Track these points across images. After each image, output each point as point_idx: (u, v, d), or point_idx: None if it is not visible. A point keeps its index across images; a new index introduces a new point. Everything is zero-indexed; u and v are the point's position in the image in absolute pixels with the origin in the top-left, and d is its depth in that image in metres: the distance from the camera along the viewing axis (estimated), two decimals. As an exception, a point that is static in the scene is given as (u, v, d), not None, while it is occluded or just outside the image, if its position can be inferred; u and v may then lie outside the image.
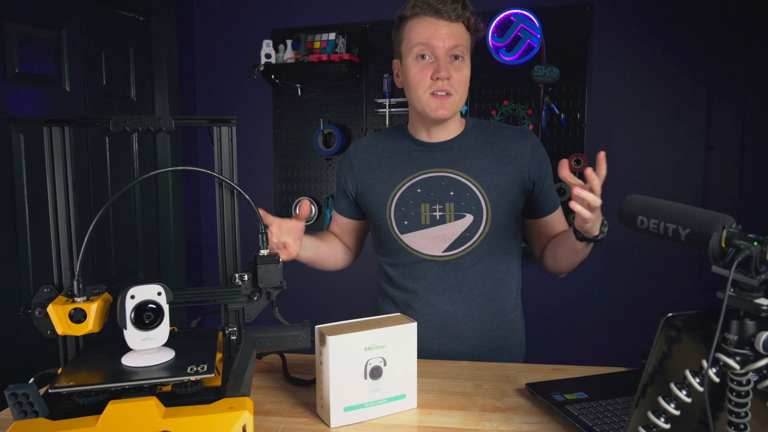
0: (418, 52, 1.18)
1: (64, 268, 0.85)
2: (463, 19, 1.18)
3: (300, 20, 2.87)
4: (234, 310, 0.89)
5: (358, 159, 1.34)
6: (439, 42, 1.17)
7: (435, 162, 1.27)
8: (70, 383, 0.71)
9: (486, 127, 1.31)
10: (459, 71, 1.19)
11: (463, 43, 1.19)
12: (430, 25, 1.17)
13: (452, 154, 1.27)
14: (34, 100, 2.20)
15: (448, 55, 1.18)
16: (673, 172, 2.57)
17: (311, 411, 0.92)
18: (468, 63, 1.22)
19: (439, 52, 1.17)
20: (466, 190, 1.24)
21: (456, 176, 1.25)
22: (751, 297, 0.51)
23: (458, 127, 1.30)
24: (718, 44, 2.46)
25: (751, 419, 0.53)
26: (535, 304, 2.71)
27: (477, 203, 1.23)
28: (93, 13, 2.47)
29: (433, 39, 1.17)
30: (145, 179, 2.53)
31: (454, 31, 1.17)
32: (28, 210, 2.15)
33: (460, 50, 1.18)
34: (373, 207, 1.31)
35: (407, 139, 1.32)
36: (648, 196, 0.64)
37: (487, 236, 1.24)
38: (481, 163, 1.25)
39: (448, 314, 1.26)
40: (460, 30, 1.19)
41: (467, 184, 1.24)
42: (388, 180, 1.29)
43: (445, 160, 1.27)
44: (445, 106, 1.19)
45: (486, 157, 1.26)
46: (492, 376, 1.06)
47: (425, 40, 1.17)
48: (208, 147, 2.88)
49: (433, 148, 1.28)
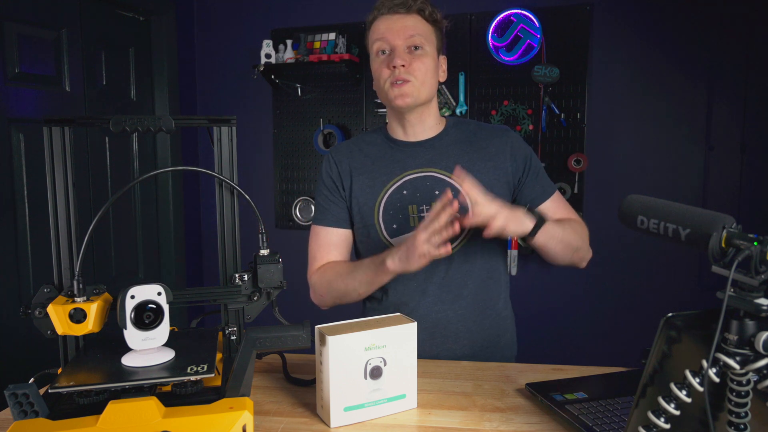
0: (377, 48, 1.23)
1: (64, 268, 0.85)
2: (417, 10, 1.21)
3: (300, 20, 2.87)
4: (234, 310, 0.89)
5: (342, 166, 1.30)
6: (392, 34, 1.20)
7: (418, 162, 1.27)
8: (70, 383, 0.71)
9: (466, 125, 1.32)
10: (418, 59, 1.21)
11: (420, 32, 1.21)
12: (386, 21, 1.22)
13: (434, 153, 1.27)
14: (34, 100, 2.20)
15: (406, 46, 1.21)
16: (673, 172, 2.56)
17: (311, 411, 0.92)
18: (430, 53, 1.23)
19: (395, 42, 1.20)
20: (451, 189, 1.23)
21: (440, 175, 1.25)
22: (751, 297, 0.51)
23: (437, 126, 1.30)
24: (718, 44, 2.46)
25: (751, 419, 0.53)
26: (535, 304, 2.71)
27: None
28: (93, 13, 2.47)
29: (388, 33, 1.21)
30: (145, 179, 2.53)
31: (409, 23, 1.21)
32: (28, 210, 2.15)
33: (417, 40, 1.20)
34: (360, 213, 1.28)
35: (386, 140, 1.32)
36: (648, 196, 0.63)
37: (473, 235, 1.23)
38: (463, 162, 1.24)
39: (439, 315, 1.25)
40: (415, 21, 1.21)
41: (452, 183, 1.24)
42: (374, 184, 1.27)
43: (428, 159, 1.27)
44: (404, 93, 1.20)
45: (467, 155, 1.26)
46: (492, 376, 1.06)
47: (382, 34, 1.22)
48: (208, 147, 2.88)
49: (415, 148, 1.28)
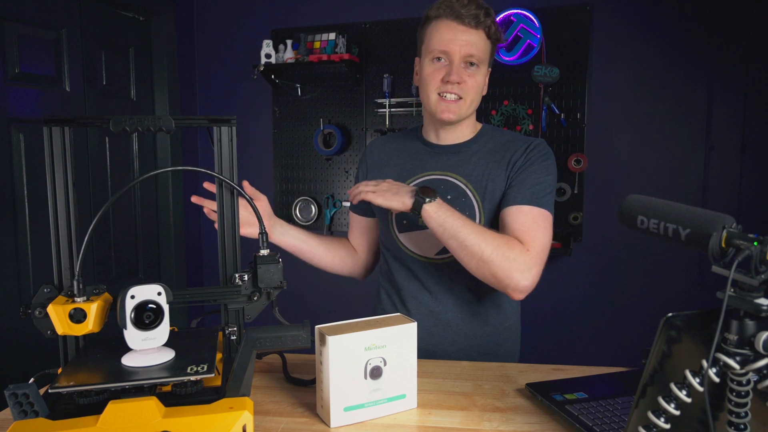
0: (435, 54, 1.20)
1: (64, 268, 0.85)
2: (484, 27, 1.18)
3: (300, 20, 2.87)
4: (234, 310, 0.89)
5: (372, 157, 1.39)
6: (455, 47, 1.18)
7: (439, 165, 1.28)
8: (70, 383, 0.71)
9: (500, 136, 1.30)
10: (472, 77, 1.20)
11: (480, 51, 1.19)
12: (450, 29, 1.18)
13: (457, 159, 1.28)
14: (34, 100, 2.20)
15: (463, 61, 1.19)
16: (673, 172, 2.57)
17: (311, 411, 0.92)
18: (483, 70, 1.22)
19: (454, 57, 1.18)
20: (462, 194, 1.24)
21: (455, 180, 1.25)
22: (751, 297, 0.51)
23: (469, 132, 1.30)
24: (718, 44, 2.46)
25: (751, 419, 0.53)
26: (535, 304, 2.70)
27: (471, 209, 1.23)
28: (93, 13, 2.47)
29: (450, 44, 1.18)
30: (145, 179, 2.54)
31: (473, 39, 1.18)
32: (28, 210, 2.15)
33: (475, 58, 1.19)
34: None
35: (418, 140, 1.34)
36: (648, 196, 0.63)
37: None
38: (482, 171, 1.25)
39: (438, 315, 1.26)
40: (479, 38, 1.19)
41: (464, 189, 1.24)
42: (395, 179, 1.29)
43: (448, 163, 1.28)
44: (451, 110, 1.21)
45: (487, 165, 1.25)
46: (492, 376, 1.06)
47: (443, 44, 1.19)
48: (208, 147, 2.88)
49: (440, 151, 1.30)
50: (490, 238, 1.09)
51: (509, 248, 1.09)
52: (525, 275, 1.08)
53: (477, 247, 1.08)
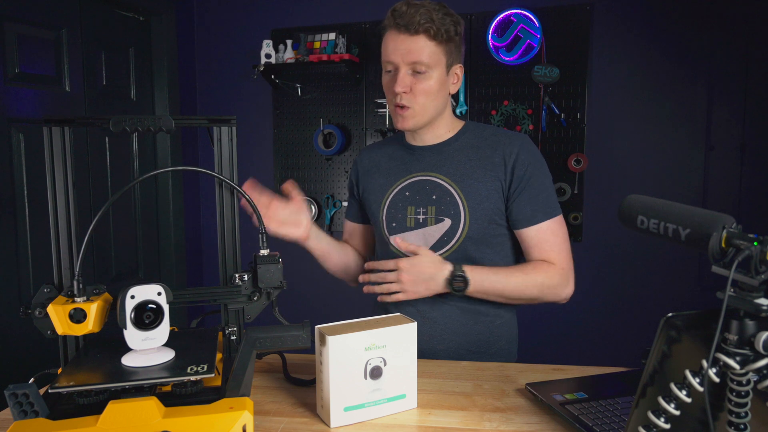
0: (386, 66, 1.23)
1: (64, 268, 0.85)
2: (424, 30, 1.15)
3: (300, 20, 2.87)
4: (234, 310, 0.89)
5: (362, 164, 1.42)
6: (398, 57, 1.18)
7: (422, 166, 1.30)
8: (70, 383, 0.71)
9: (482, 131, 1.30)
10: (419, 83, 1.19)
11: (425, 56, 1.16)
12: (392, 39, 1.19)
13: (439, 158, 1.28)
14: (34, 100, 2.20)
15: (410, 69, 1.19)
16: (673, 172, 2.57)
17: (311, 411, 0.92)
18: (435, 74, 1.19)
19: (399, 66, 1.19)
20: (447, 194, 1.24)
21: (439, 180, 1.26)
22: (751, 297, 0.51)
23: (447, 131, 1.30)
24: (718, 44, 2.46)
25: (751, 419, 0.53)
26: (535, 304, 2.70)
27: (456, 208, 1.23)
28: (93, 13, 2.47)
29: (392, 54, 1.19)
30: (145, 179, 2.53)
31: (414, 46, 1.16)
32: (28, 210, 2.15)
33: (419, 66, 1.17)
34: (371, 209, 1.37)
35: (402, 144, 1.36)
36: (648, 196, 0.63)
37: (464, 241, 1.23)
38: (464, 169, 1.25)
39: (425, 314, 1.27)
40: (421, 43, 1.16)
41: (448, 188, 1.25)
42: (384, 183, 1.34)
43: (431, 163, 1.29)
44: (405, 119, 1.23)
45: (470, 162, 1.25)
46: (492, 376, 1.06)
47: (387, 54, 1.21)
48: (208, 147, 2.88)
49: (422, 152, 1.31)
50: (530, 279, 1.20)
51: (548, 278, 1.21)
52: (567, 289, 1.24)
53: (523, 294, 1.21)
